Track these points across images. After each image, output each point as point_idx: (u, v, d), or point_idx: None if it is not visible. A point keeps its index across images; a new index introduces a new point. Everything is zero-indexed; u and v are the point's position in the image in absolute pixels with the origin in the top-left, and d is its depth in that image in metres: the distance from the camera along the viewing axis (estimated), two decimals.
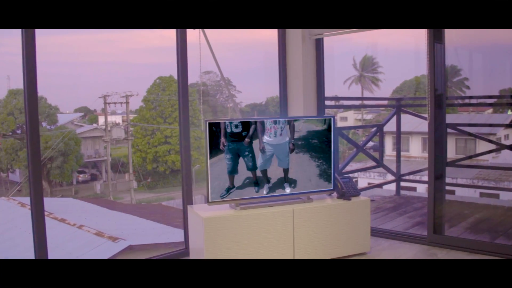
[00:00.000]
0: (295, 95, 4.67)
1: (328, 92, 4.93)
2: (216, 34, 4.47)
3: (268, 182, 3.68)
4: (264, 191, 3.67)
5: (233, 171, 3.56)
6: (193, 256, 3.75)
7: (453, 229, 4.51)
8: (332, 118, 3.86)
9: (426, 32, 3.97)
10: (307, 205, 3.73)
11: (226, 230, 3.42)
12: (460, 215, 4.97)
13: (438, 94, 4.04)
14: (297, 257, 3.65)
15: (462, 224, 4.65)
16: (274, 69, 4.83)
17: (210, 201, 3.52)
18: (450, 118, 4.89)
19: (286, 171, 3.73)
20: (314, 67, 4.75)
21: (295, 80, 4.67)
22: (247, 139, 3.57)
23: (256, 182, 3.64)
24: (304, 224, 3.67)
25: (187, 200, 3.91)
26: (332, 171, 3.87)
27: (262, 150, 3.62)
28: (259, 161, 3.63)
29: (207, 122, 3.47)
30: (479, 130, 6.70)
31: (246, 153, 3.59)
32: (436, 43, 3.99)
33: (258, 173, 3.64)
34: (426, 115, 4.08)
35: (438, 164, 4.06)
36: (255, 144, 3.60)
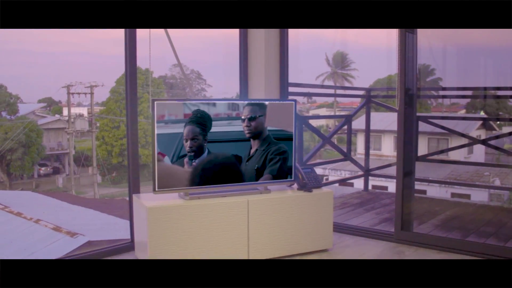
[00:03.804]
0: (257, 80, 4.33)
1: (299, 88, 4.66)
2: None
3: None
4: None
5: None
6: (138, 249, 3.41)
7: (423, 226, 4.24)
8: (294, 102, 3.55)
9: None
10: (263, 196, 3.41)
11: (172, 221, 3.08)
12: (430, 212, 4.70)
13: (408, 86, 3.80)
14: (251, 253, 3.32)
15: (432, 221, 4.38)
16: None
17: (156, 189, 3.19)
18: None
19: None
20: (278, 52, 4.42)
21: (256, 65, 4.34)
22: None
23: None
24: (260, 217, 3.34)
25: (134, 188, 3.55)
26: (293, 160, 3.56)
27: None
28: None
29: (155, 102, 3.18)
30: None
31: None
32: (408, 33, 3.73)
33: None
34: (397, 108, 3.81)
35: (408, 158, 3.77)
36: None
